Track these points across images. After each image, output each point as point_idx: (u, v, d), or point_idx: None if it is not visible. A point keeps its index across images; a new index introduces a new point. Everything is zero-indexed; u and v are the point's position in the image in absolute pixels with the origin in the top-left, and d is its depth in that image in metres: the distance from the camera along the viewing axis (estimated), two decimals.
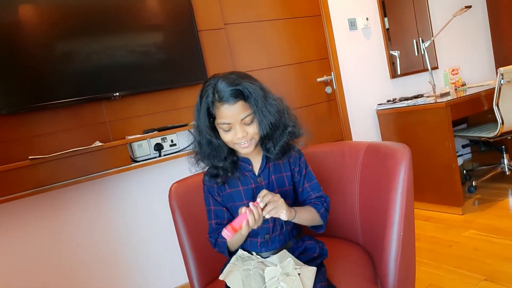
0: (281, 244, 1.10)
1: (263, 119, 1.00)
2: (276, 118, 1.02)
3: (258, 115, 0.99)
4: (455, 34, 3.51)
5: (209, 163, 1.06)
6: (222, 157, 1.05)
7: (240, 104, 0.98)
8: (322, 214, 1.11)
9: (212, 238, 1.13)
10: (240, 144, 1.01)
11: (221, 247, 1.10)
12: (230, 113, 0.98)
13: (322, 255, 1.13)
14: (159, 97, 2.11)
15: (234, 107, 0.97)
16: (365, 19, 2.94)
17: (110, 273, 2.01)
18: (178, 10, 2.09)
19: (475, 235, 2.25)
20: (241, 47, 2.47)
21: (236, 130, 0.99)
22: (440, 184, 2.65)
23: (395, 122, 2.88)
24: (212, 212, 1.12)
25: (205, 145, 1.04)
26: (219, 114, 0.99)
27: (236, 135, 1.00)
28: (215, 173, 1.08)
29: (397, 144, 1.19)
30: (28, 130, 1.79)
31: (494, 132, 2.65)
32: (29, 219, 1.82)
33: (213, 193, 1.12)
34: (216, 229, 1.12)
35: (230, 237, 0.94)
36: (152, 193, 2.13)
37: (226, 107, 0.97)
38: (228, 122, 0.99)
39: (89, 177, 1.77)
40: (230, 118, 0.98)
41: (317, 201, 1.13)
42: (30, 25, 1.72)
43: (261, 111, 0.99)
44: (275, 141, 1.05)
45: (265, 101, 1.00)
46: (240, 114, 0.98)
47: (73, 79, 1.81)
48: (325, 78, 2.79)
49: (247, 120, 1.00)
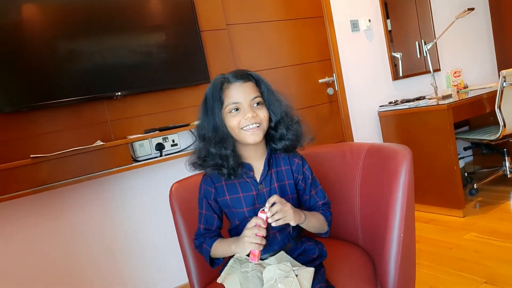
0: (280, 246, 1.08)
1: (274, 105, 1.00)
2: (284, 110, 1.03)
3: (269, 100, 1.00)
4: (457, 36, 3.50)
5: (216, 153, 1.00)
6: (229, 147, 1.00)
7: (250, 85, 0.98)
8: (329, 222, 1.12)
9: (197, 241, 1.12)
10: (248, 127, 0.98)
11: (203, 252, 1.10)
12: (240, 90, 0.97)
13: (321, 256, 1.13)
14: (161, 97, 2.12)
15: (244, 86, 0.97)
16: (367, 20, 2.94)
17: (110, 272, 2.01)
18: (180, 10, 2.09)
19: (476, 237, 2.24)
20: (243, 47, 2.48)
21: (245, 110, 0.97)
22: (441, 187, 2.65)
23: (396, 124, 2.87)
24: (203, 217, 1.10)
25: (211, 135, 0.99)
26: (228, 95, 0.97)
27: (245, 115, 0.97)
28: (220, 163, 1.01)
29: (398, 146, 1.19)
30: (30, 128, 1.80)
31: (496, 135, 2.64)
32: (29, 217, 1.82)
33: (208, 197, 1.09)
34: (203, 234, 1.10)
35: (258, 258, 0.97)
36: (153, 192, 2.13)
37: (235, 86, 0.97)
38: (237, 101, 0.97)
39: (90, 176, 1.77)
40: (239, 96, 0.97)
41: (324, 208, 1.13)
42: (33, 25, 1.73)
43: (271, 98, 1.00)
44: (283, 135, 1.04)
45: (273, 92, 1.02)
46: (250, 94, 0.98)
47: (76, 78, 1.82)
48: (327, 79, 2.79)
49: (257, 101, 0.99)
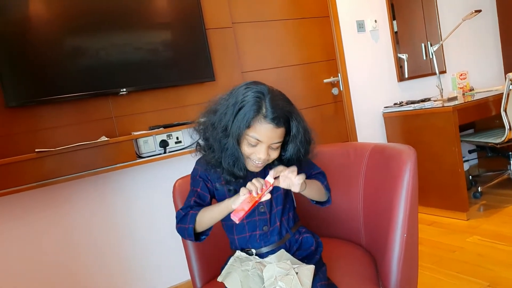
0: (280, 237, 1.09)
1: (295, 143, 1.00)
2: (304, 147, 1.02)
3: (293, 139, 0.99)
4: (464, 38, 3.48)
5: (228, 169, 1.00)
6: (242, 170, 1.00)
7: (281, 131, 0.97)
8: (326, 186, 1.13)
9: (183, 210, 1.05)
10: (254, 161, 0.99)
11: (187, 221, 1.03)
12: (269, 134, 0.95)
13: (318, 249, 1.14)
14: (166, 94, 2.12)
15: (275, 131, 0.95)
16: (373, 21, 2.93)
17: (112, 268, 2.02)
18: (186, 8, 2.10)
19: (479, 241, 2.23)
20: (248, 46, 2.48)
21: (261, 150, 0.96)
22: (445, 189, 2.63)
23: (401, 125, 2.86)
24: (196, 193, 1.07)
25: (222, 139, 0.97)
26: (256, 128, 0.94)
27: (258, 155, 0.97)
28: (227, 179, 1.02)
29: (402, 146, 1.18)
30: (35, 123, 1.81)
31: (501, 138, 2.63)
32: (33, 211, 1.83)
33: (205, 179, 1.08)
34: (192, 205, 1.06)
35: (239, 219, 0.92)
36: (156, 189, 2.13)
37: (268, 127, 0.94)
38: (260, 140, 0.95)
39: (94, 171, 1.78)
40: (265, 138, 0.95)
41: (319, 176, 1.14)
42: (39, 20, 1.74)
43: (296, 138, 1.00)
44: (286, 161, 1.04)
45: (304, 136, 1.00)
46: (275, 139, 0.97)
47: (81, 74, 1.83)
48: (332, 79, 2.78)
49: (276, 146, 0.99)
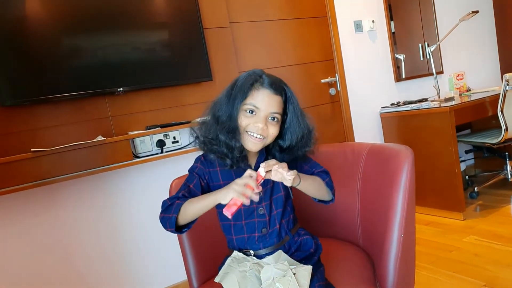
0: (279, 239, 1.07)
1: (293, 127, 1.00)
2: (303, 134, 1.02)
3: (290, 121, 1.00)
4: (461, 39, 3.49)
5: (224, 141, 0.97)
6: (239, 140, 0.98)
7: (278, 99, 0.98)
8: (327, 183, 1.09)
9: (170, 200, 1.00)
10: (252, 134, 0.97)
11: (171, 211, 0.96)
12: (266, 99, 0.96)
13: (317, 250, 1.12)
14: (163, 94, 2.11)
15: (272, 97, 0.96)
16: (371, 21, 2.93)
17: (110, 267, 2.01)
18: (184, 8, 2.09)
19: (476, 240, 2.24)
20: (246, 46, 2.47)
21: (258, 118, 0.96)
22: (442, 189, 2.64)
23: (398, 126, 2.87)
24: (188, 189, 1.03)
25: (225, 121, 0.97)
26: (253, 95, 0.96)
27: (256, 123, 0.96)
28: (225, 152, 0.99)
29: (400, 146, 1.18)
30: (31, 122, 1.79)
31: (497, 138, 2.64)
32: (29, 211, 1.82)
33: (202, 177, 1.05)
34: (180, 198, 1.00)
35: (232, 213, 0.87)
36: (153, 189, 2.12)
37: (264, 92, 0.96)
38: (257, 107, 0.96)
39: (90, 171, 1.77)
40: (261, 103, 0.96)
41: (321, 173, 1.10)
42: (36, 19, 1.73)
43: (293, 121, 1.00)
44: (289, 151, 1.04)
45: (300, 114, 1.02)
46: (272, 107, 0.97)
47: (78, 74, 1.82)
48: (330, 79, 2.79)
49: (274, 116, 0.98)
